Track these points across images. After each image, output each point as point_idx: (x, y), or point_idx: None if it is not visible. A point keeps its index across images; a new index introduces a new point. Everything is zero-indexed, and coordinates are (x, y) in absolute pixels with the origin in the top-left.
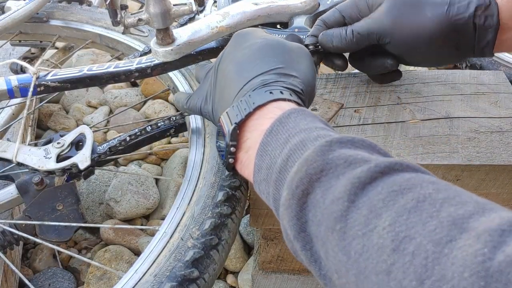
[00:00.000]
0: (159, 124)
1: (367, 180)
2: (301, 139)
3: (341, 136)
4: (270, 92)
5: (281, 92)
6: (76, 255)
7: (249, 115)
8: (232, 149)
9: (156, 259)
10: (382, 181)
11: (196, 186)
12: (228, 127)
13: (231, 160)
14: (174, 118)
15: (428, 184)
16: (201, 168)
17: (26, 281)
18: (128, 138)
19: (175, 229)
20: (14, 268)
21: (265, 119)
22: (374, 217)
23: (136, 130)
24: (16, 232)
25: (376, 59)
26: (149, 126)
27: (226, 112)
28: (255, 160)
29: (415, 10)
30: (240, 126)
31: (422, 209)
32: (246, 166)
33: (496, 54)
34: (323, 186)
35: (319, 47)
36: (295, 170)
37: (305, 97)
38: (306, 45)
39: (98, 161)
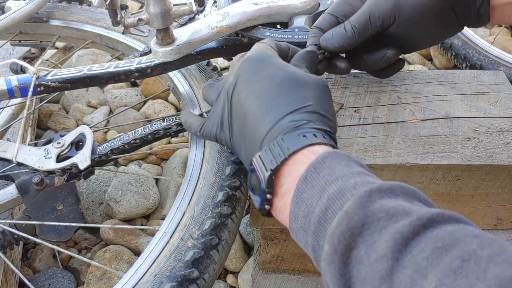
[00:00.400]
0: (170, 127)
1: (410, 235)
2: (339, 187)
3: (380, 184)
4: (304, 136)
5: (315, 135)
6: (76, 255)
7: (284, 161)
8: (268, 196)
9: (156, 259)
10: (425, 236)
11: (196, 186)
12: (263, 174)
13: (267, 207)
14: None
15: (472, 239)
16: (201, 168)
17: (26, 281)
18: (133, 142)
19: (175, 229)
20: (14, 268)
21: (300, 165)
22: (419, 277)
23: (145, 132)
24: (16, 232)
25: (374, 53)
26: (161, 130)
27: (259, 156)
28: (291, 207)
29: None
30: (274, 172)
31: (468, 269)
32: (281, 212)
33: (496, 54)
34: (366, 241)
35: (325, 53)
36: (335, 223)
37: (334, 134)
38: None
39: (98, 161)
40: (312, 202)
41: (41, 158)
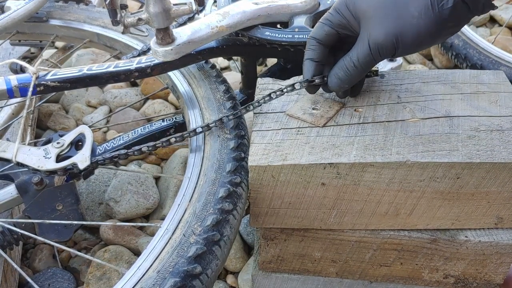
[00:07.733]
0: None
1: None
2: None
3: None
4: None
5: None
6: (78, 253)
7: None
8: None
9: (159, 255)
10: None
11: (197, 183)
12: None
13: None
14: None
15: None
16: (201, 165)
17: (28, 279)
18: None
19: (177, 226)
20: (15, 265)
21: None
22: None
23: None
24: (15, 229)
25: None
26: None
27: None
28: None
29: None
30: None
31: None
32: None
33: (496, 54)
34: None
35: (325, 78)
36: None
37: None
38: (311, 81)
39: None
40: None
41: (41, 158)
